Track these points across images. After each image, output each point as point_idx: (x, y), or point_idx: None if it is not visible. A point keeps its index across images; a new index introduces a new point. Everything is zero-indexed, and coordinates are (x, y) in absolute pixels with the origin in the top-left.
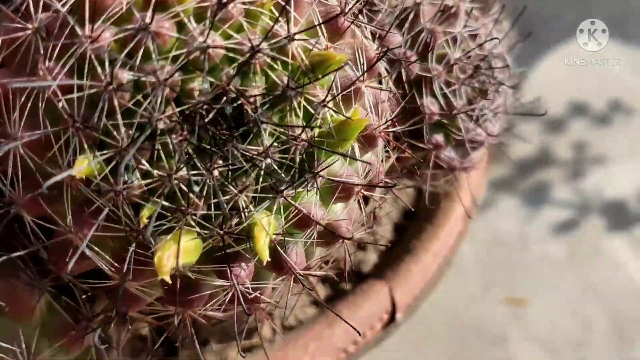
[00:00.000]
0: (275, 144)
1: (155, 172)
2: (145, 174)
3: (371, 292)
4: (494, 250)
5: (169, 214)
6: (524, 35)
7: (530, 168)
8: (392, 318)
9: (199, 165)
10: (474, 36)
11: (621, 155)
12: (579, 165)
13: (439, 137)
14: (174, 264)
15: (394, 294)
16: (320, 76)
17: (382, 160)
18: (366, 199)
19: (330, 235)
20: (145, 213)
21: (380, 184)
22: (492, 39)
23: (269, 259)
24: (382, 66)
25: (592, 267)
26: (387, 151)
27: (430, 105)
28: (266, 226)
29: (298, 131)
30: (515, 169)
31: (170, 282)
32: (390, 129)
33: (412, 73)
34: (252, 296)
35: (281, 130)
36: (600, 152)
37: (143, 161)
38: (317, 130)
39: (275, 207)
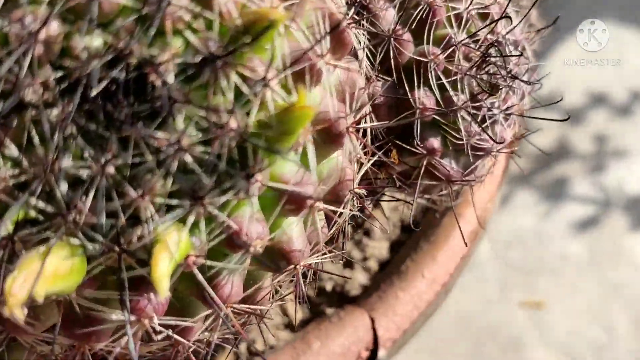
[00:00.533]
0: (195, 132)
1: (24, 160)
2: (13, 162)
3: (349, 322)
4: (510, 249)
5: (44, 220)
6: (548, 19)
7: (548, 161)
8: (373, 355)
9: (86, 154)
10: (484, 15)
11: None
12: (599, 158)
13: (434, 140)
14: (26, 294)
15: (377, 325)
16: (250, 41)
17: (358, 165)
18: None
19: (273, 259)
20: (9, 216)
21: (346, 195)
22: (506, 18)
23: (182, 290)
24: (361, 44)
25: (613, 267)
26: (370, 154)
27: (423, 98)
28: (173, 245)
29: (225, 117)
30: (532, 162)
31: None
32: (367, 125)
33: (403, 56)
34: (164, 334)
35: (202, 114)
36: (621, 145)
37: (8, 142)
38: (253, 118)
39: (191, 219)
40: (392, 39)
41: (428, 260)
